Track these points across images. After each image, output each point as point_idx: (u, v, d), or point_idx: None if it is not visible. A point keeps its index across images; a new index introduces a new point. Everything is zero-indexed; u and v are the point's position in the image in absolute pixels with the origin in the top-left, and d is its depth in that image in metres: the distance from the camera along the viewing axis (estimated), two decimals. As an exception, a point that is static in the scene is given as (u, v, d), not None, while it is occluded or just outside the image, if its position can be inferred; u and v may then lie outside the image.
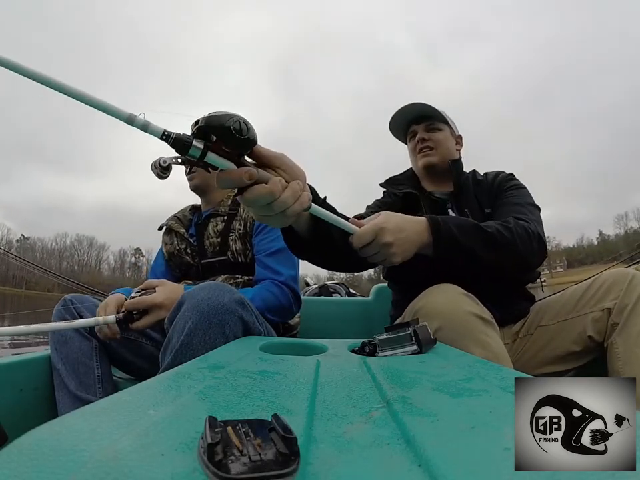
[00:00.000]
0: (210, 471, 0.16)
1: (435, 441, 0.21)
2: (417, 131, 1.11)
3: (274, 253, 1.02)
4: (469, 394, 0.32)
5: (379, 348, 0.54)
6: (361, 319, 1.52)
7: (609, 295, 0.84)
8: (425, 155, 1.08)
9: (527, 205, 0.98)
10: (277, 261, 1.01)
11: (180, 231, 1.16)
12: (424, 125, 1.10)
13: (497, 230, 0.82)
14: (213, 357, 0.46)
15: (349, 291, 2.53)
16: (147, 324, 0.87)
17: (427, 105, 1.09)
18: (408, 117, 1.12)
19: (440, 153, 1.08)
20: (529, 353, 0.96)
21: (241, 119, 0.42)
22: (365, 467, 0.19)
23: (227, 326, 0.68)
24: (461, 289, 0.77)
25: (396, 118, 1.13)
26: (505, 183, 1.07)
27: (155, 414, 0.24)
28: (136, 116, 0.44)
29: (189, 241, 1.13)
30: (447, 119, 1.12)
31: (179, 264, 1.15)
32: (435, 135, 1.09)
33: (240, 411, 0.27)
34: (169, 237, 1.19)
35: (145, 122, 0.44)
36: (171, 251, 1.16)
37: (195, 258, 1.11)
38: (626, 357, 0.78)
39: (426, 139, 1.09)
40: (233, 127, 0.41)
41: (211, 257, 1.08)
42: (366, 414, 0.27)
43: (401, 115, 1.12)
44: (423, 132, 1.10)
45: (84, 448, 0.18)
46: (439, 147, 1.08)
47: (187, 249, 1.13)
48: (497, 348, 0.72)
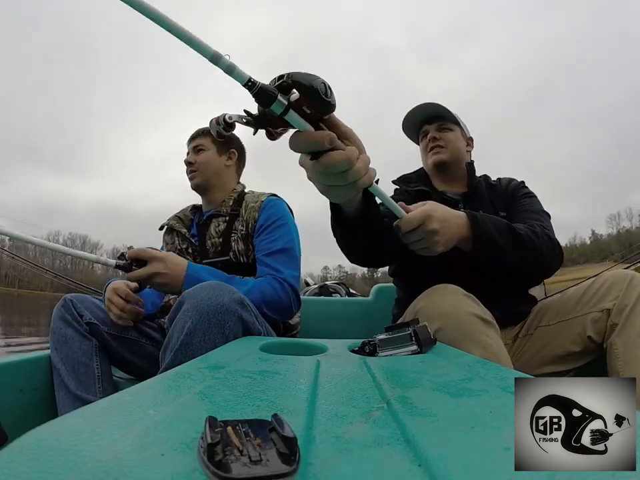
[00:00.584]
0: (210, 471, 0.16)
1: (435, 441, 0.21)
2: (428, 130, 1.13)
3: (275, 252, 1.02)
4: (469, 394, 0.32)
5: (379, 348, 0.54)
6: (361, 319, 1.52)
7: (609, 296, 0.85)
8: (435, 152, 1.10)
9: (542, 213, 1.02)
10: (278, 261, 1.01)
11: (181, 230, 1.16)
12: (436, 124, 1.12)
13: (526, 233, 0.85)
14: (212, 357, 0.46)
15: (349, 291, 2.53)
16: (143, 274, 0.87)
17: (439, 105, 1.11)
18: (420, 117, 1.14)
19: (450, 152, 1.10)
20: (529, 353, 0.96)
21: (325, 81, 0.41)
22: (365, 467, 0.19)
23: (227, 326, 0.68)
24: (462, 289, 0.78)
25: (409, 117, 1.15)
26: (519, 190, 1.10)
27: (155, 414, 0.24)
28: (222, 56, 0.41)
29: (191, 241, 1.13)
30: (458, 120, 1.14)
31: None
32: (445, 135, 1.11)
33: (240, 411, 0.27)
34: (170, 237, 1.19)
35: (230, 64, 0.41)
36: (172, 250, 1.16)
37: (197, 258, 1.10)
38: (625, 357, 0.78)
39: (437, 137, 1.11)
40: (320, 87, 0.40)
41: (212, 257, 1.08)
42: (366, 414, 0.27)
43: (413, 114, 1.14)
44: (434, 131, 1.12)
45: (84, 448, 0.18)
46: (449, 145, 1.10)
47: (188, 249, 1.13)
48: (498, 349, 0.72)
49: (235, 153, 1.21)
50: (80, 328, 0.93)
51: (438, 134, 1.11)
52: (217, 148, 1.17)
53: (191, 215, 1.22)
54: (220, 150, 1.18)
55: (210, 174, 1.15)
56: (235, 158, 1.21)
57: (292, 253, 1.04)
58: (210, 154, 1.16)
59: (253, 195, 1.15)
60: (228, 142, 1.18)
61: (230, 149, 1.20)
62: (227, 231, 1.09)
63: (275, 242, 1.03)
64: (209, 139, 1.16)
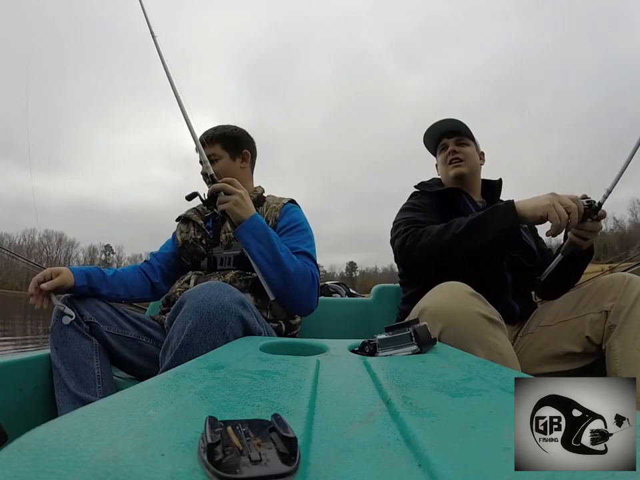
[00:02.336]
0: (210, 471, 0.16)
1: (435, 441, 0.21)
2: (447, 144, 1.21)
3: (301, 253, 1.01)
4: (469, 394, 0.32)
5: (379, 348, 0.54)
6: (361, 319, 1.52)
7: (607, 298, 0.85)
8: (456, 165, 1.18)
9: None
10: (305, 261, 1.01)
11: (198, 221, 1.16)
12: (454, 139, 1.20)
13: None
14: (213, 357, 0.46)
15: (349, 291, 2.52)
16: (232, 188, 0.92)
17: (459, 121, 1.19)
18: (441, 130, 1.22)
19: (468, 165, 1.18)
20: (529, 352, 0.96)
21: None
22: (365, 466, 0.19)
23: (227, 326, 0.68)
24: (468, 287, 0.77)
25: (432, 130, 1.23)
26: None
27: (155, 414, 0.24)
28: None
29: (206, 232, 1.14)
30: (473, 136, 1.22)
31: (192, 253, 1.14)
32: (463, 149, 1.19)
33: (240, 411, 0.27)
34: (185, 226, 1.19)
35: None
36: (186, 239, 1.16)
37: (209, 249, 1.11)
38: (624, 358, 0.78)
39: (457, 151, 1.18)
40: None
41: (225, 249, 1.09)
42: (366, 414, 0.27)
43: (436, 128, 1.22)
44: (453, 145, 1.19)
45: (84, 448, 0.18)
46: (467, 159, 1.18)
47: (202, 240, 1.13)
48: (505, 349, 0.72)
49: (248, 153, 1.20)
50: (80, 327, 0.93)
51: (457, 148, 1.18)
52: (230, 154, 1.15)
53: (209, 211, 1.22)
54: (232, 155, 1.16)
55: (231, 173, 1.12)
56: (249, 158, 1.20)
57: (314, 257, 1.05)
58: (225, 162, 1.14)
59: (274, 197, 1.17)
60: (238, 143, 1.17)
61: (242, 150, 1.18)
62: None
63: (300, 243, 1.04)
64: (218, 146, 1.14)
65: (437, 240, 0.93)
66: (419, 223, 1.03)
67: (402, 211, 1.15)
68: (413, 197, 1.22)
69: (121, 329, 0.99)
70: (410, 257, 1.00)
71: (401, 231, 1.03)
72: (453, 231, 0.92)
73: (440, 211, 1.11)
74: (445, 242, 0.91)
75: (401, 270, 1.17)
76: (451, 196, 1.15)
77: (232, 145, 1.16)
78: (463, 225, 0.91)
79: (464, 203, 1.13)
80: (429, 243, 0.94)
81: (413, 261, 1.00)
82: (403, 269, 1.10)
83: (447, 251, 0.87)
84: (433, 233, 0.95)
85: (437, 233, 0.94)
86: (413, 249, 0.97)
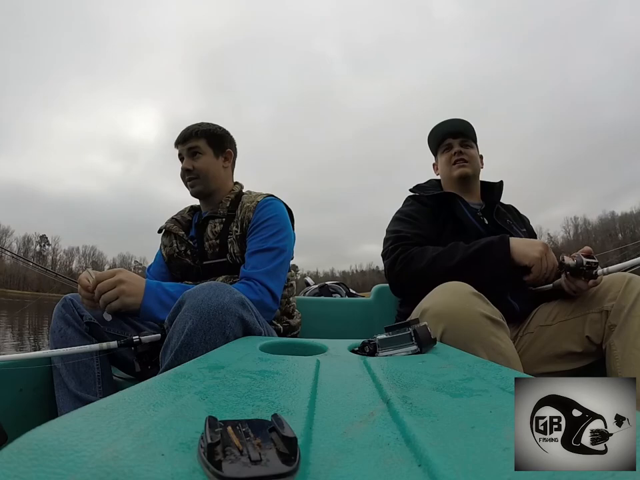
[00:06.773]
0: (210, 471, 0.16)
1: (435, 441, 0.21)
2: (452, 144, 1.20)
3: (259, 251, 1.00)
4: (469, 394, 0.32)
5: (379, 348, 0.54)
6: (361, 319, 1.52)
7: (607, 297, 0.85)
8: (460, 165, 1.17)
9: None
10: (259, 260, 1.00)
11: (179, 233, 1.14)
12: (460, 139, 1.19)
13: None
14: (212, 357, 0.46)
15: (349, 291, 2.52)
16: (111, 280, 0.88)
17: (466, 122, 1.19)
18: (447, 129, 1.21)
19: (472, 167, 1.18)
20: (529, 352, 0.96)
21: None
22: (365, 467, 0.19)
23: (227, 326, 0.68)
24: (470, 287, 0.77)
25: (438, 129, 1.22)
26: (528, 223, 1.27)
27: (155, 414, 0.24)
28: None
29: (189, 243, 1.12)
30: (476, 139, 1.21)
31: (179, 266, 1.14)
32: (468, 151, 1.18)
33: (240, 411, 0.27)
34: (167, 239, 1.17)
35: None
36: (170, 253, 1.15)
37: (196, 260, 1.10)
38: (624, 358, 0.78)
39: (462, 152, 1.18)
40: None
41: (211, 258, 1.08)
42: (366, 414, 0.27)
43: (442, 126, 1.21)
44: (458, 146, 1.19)
45: (84, 448, 0.18)
46: (471, 161, 1.18)
47: (186, 251, 1.12)
48: (507, 350, 0.71)
49: (231, 152, 1.19)
50: (80, 328, 0.93)
51: (462, 149, 1.18)
52: (214, 151, 1.13)
53: (189, 217, 1.21)
54: (216, 152, 1.14)
55: (210, 180, 1.12)
56: (231, 158, 1.19)
57: (278, 253, 1.02)
58: (208, 159, 1.12)
59: (250, 195, 1.13)
60: (222, 141, 1.16)
61: (226, 149, 1.17)
62: (224, 233, 1.08)
63: (263, 241, 1.02)
64: (203, 141, 1.12)
65: (428, 271, 0.93)
66: (406, 240, 1.03)
67: (393, 221, 1.15)
68: (406, 202, 1.21)
69: (121, 330, 0.99)
70: (399, 283, 1.01)
71: (389, 250, 1.03)
72: (444, 263, 0.92)
73: (435, 215, 1.11)
74: (435, 274, 0.90)
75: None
76: (446, 200, 1.14)
77: (216, 142, 1.14)
78: (455, 259, 0.91)
79: (459, 208, 1.12)
80: (420, 272, 0.94)
81: (401, 286, 1.02)
82: (392, 291, 1.09)
83: (437, 283, 0.84)
84: (424, 263, 0.94)
85: (427, 262, 0.94)
86: (402, 275, 0.98)
